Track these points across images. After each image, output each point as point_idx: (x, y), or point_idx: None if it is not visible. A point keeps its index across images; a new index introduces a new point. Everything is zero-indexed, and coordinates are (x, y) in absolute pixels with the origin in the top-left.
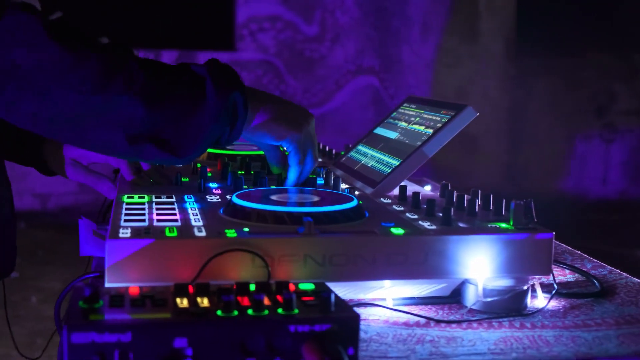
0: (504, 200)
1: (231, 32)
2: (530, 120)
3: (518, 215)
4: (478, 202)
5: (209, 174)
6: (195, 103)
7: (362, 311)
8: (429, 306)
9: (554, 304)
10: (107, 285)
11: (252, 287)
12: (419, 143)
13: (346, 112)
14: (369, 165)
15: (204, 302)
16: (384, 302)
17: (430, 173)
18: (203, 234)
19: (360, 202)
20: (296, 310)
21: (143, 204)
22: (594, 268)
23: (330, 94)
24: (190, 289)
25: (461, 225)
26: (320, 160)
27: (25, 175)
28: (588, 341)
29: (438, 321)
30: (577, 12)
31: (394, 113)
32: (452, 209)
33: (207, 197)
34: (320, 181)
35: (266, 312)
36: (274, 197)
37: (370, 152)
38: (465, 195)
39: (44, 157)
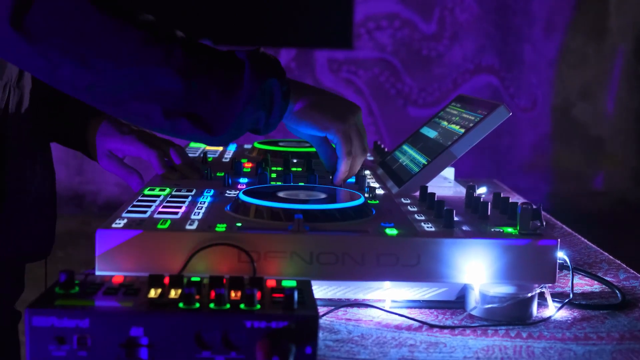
0: (518, 204)
1: (349, 31)
2: None
3: (525, 221)
4: (495, 205)
5: (247, 170)
6: (231, 83)
7: (357, 312)
8: (432, 310)
9: (564, 314)
10: (97, 273)
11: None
12: (449, 143)
13: None
14: (404, 164)
15: (175, 293)
16: (383, 303)
17: (551, 176)
18: (192, 227)
19: (376, 201)
20: (258, 306)
21: (159, 196)
22: (627, 279)
23: (447, 93)
24: (167, 280)
25: (464, 228)
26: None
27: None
28: (577, 355)
29: (432, 326)
30: None
31: (441, 112)
32: (454, 211)
33: (227, 192)
34: (351, 179)
35: (227, 306)
36: (281, 194)
37: (409, 151)
38: (482, 198)
39: (87, 146)
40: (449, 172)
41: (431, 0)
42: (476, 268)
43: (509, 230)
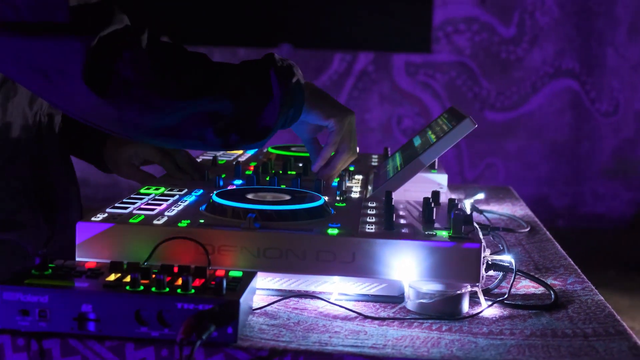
0: (452, 212)
1: (428, 35)
2: None
3: (456, 225)
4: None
5: (249, 172)
6: (266, 95)
7: (307, 302)
8: (375, 303)
9: (495, 312)
10: (77, 259)
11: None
12: (420, 152)
13: (542, 115)
14: (387, 170)
15: (129, 278)
16: (331, 296)
17: (634, 182)
18: (159, 222)
19: (343, 204)
20: (192, 291)
21: (150, 194)
22: (572, 284)
23: (525, 97)
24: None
25: (403, 230)
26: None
27: None
28: (477, 347)
29: (365, 317)
30: None
31: (433, 122)
32: (394, 215)
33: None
34: (334, 183)
35: (167, 290)
36: (249, 196)
37: (397, 158)
38: (433, 205)
39: (103, 157)
40: (441, 178)
41: (511, 3)
42: (406, 266)
43: (442, 233)
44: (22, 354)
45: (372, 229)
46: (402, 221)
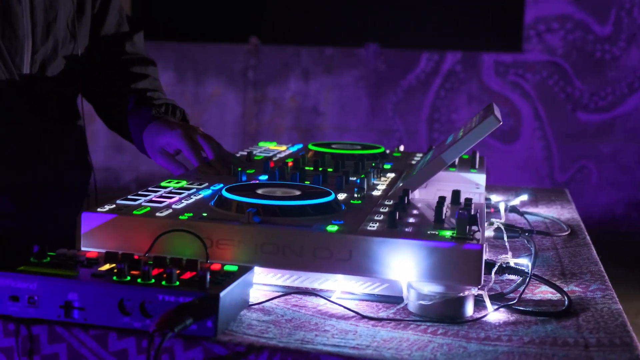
0: (456, 212)
1: (519, 33)
2: None
3: (461, 225)
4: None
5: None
6: None
7: (308, 299)
8: (378, 303)
9: (501, 317)
10: (82, 249)
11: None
12: (445, 149)
13: (638, 117)
14: (417, 167)
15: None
16: (333, 294)
17: None
18: (162, 214)
19: (359, 201)
20: (177, 283)
21: (167, 187)
22: (593, 291)
23: (621, 98)
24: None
25: (406, 230)
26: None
27: None
28: (465, 353)
29: (363, 316)
30: None
31: (470, 119)
32: (397, 213)
33: None
34: (357, 180)
35: (152, 281)
36: (259, 191)
37: (429, 155)
38: (451, 204)
39: (144, 144)
40: (479, 178)
41: (607, 0)
42: (404, 266)
43: (445, 233)
44: (11, 338)
45: (374, 227)
46: (412, 220)
